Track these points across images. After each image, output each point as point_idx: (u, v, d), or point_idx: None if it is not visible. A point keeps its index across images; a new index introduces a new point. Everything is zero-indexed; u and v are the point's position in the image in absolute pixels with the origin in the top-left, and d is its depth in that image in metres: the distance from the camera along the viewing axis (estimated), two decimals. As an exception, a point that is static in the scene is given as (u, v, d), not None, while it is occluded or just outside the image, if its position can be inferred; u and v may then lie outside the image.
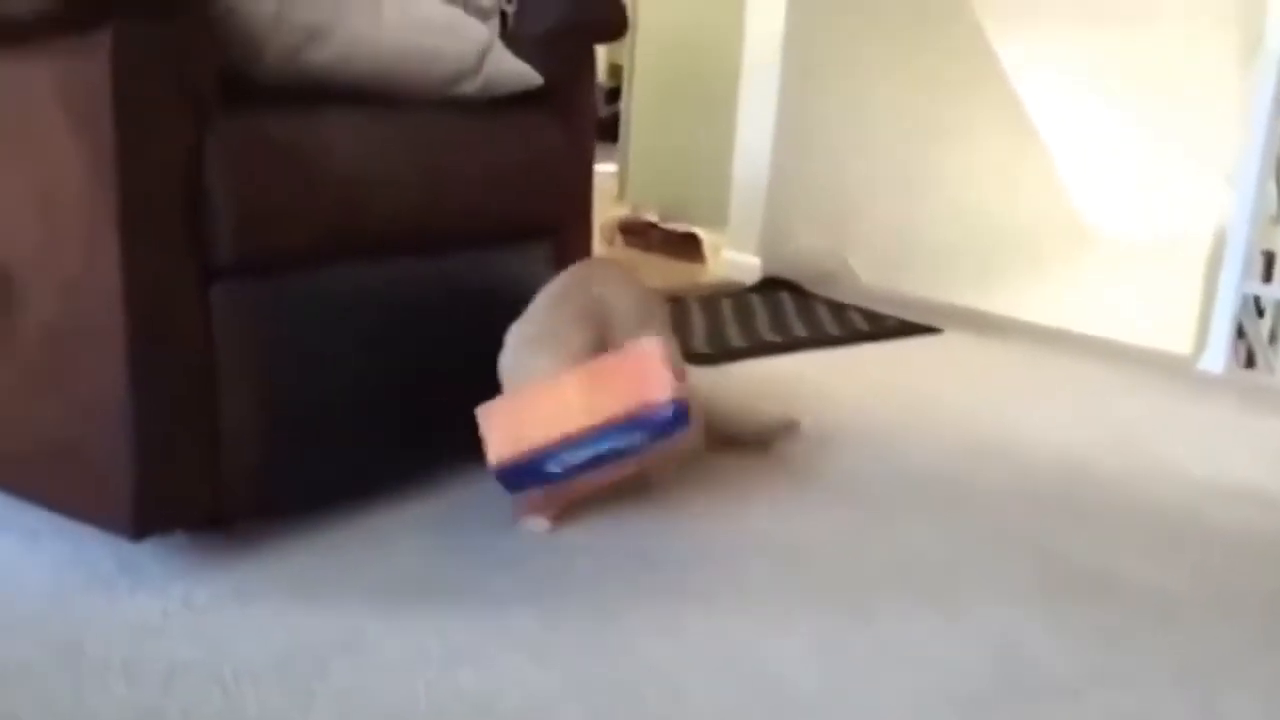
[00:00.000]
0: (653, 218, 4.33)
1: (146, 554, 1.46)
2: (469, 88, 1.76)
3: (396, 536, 1.57)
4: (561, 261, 1.94)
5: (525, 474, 1.52)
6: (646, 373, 1.49)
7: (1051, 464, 2.08)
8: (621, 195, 4.45)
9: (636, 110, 4.39)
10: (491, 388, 1.81)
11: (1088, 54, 4.17)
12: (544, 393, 1.52)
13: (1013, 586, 1.55)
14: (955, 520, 1.78)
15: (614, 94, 4.97)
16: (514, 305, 1.83)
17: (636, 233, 4.32)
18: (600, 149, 2.51)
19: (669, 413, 1.48)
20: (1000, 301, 3.62)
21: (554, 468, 1.53)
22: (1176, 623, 1.48)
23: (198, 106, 1.33)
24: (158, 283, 1.31)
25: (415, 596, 1.41)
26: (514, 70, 1.81)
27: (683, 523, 1.69)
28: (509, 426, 1.51)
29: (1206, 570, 1.66)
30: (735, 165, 3.81)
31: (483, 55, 1.75)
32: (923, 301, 3.58)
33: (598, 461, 1.55)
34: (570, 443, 1.48)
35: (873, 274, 3.88)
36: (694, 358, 2.55)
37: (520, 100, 1.84)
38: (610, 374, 1.51)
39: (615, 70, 5.42)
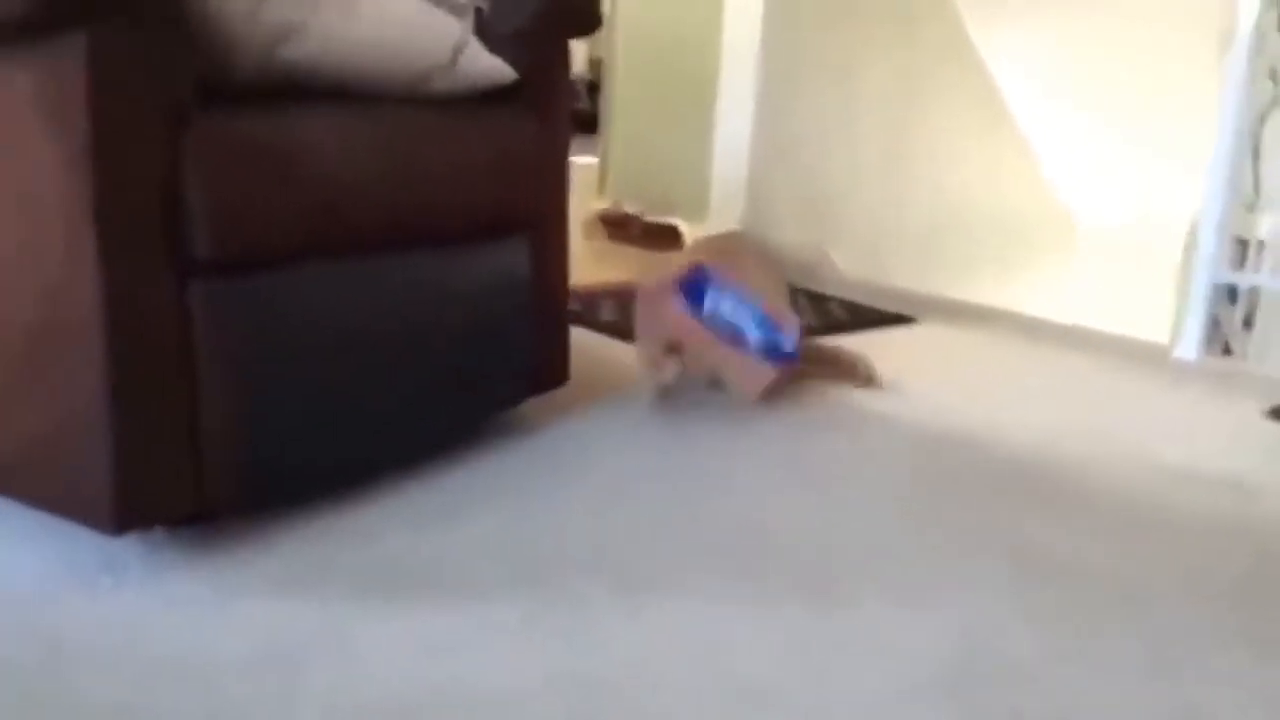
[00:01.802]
0: (633, 210, 4.35)
1: (129, 551, 1.47)
2: (443, 84, 1.77)
3: (378, 529, 1.58)
4: (539, 256, 1.95)
5: (697, 286, 2.09)
6: (791, 317, 2.15)
7: (1024, 452, 2.10)
8: (602, 188, 4.46)
9: (617, 103, 4.40)
10: (470, 382, 1.83)
11: (1069, 44, 4.19)
12: (743, 263, 2.21)
13: (983, 573, 1.57)
14: (927, 507, 1.80)
15: (595, 87, 4.98)
16: (492, 299, 1.85)
17: (617, 225, 4.33)
18: (581, 142, 2.52)
19: (789, 339, 2.07)
20: (981, 292, 3.64)
21: (708, 303, 2.07)
22: (1146, 609, 1.51)
23: (174, 108, 1.34)
24: (135, 282, 1.32)
25: (397, 589, 1.42)
26: (488, 66, 1.82)
27: (653, 510, 1.71)
28: (713, 253, 2.17)
29: (1176, 556, 1.69)
30: (715, 157, 3.83)
31: (457, 51, 1.76)
32: (903, 292, 3.60)
33: (726, 329, 2.09)
34: (731, 287, 2.07)
35: (854, 265, 3.90)
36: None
37: (495, 96, 1.85)
38: (781, 304, 2.18)
39: (596, 64, 5.42)
